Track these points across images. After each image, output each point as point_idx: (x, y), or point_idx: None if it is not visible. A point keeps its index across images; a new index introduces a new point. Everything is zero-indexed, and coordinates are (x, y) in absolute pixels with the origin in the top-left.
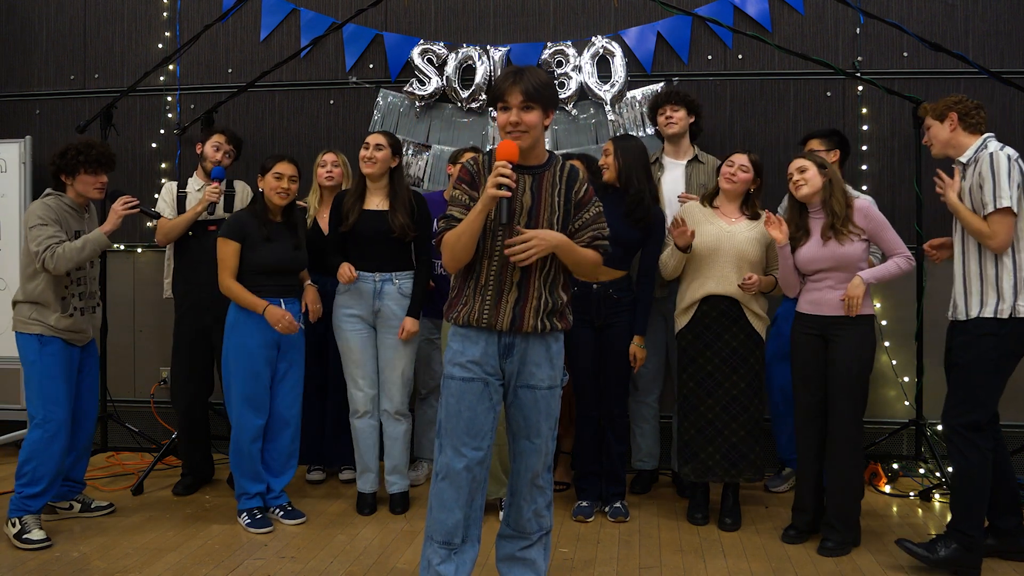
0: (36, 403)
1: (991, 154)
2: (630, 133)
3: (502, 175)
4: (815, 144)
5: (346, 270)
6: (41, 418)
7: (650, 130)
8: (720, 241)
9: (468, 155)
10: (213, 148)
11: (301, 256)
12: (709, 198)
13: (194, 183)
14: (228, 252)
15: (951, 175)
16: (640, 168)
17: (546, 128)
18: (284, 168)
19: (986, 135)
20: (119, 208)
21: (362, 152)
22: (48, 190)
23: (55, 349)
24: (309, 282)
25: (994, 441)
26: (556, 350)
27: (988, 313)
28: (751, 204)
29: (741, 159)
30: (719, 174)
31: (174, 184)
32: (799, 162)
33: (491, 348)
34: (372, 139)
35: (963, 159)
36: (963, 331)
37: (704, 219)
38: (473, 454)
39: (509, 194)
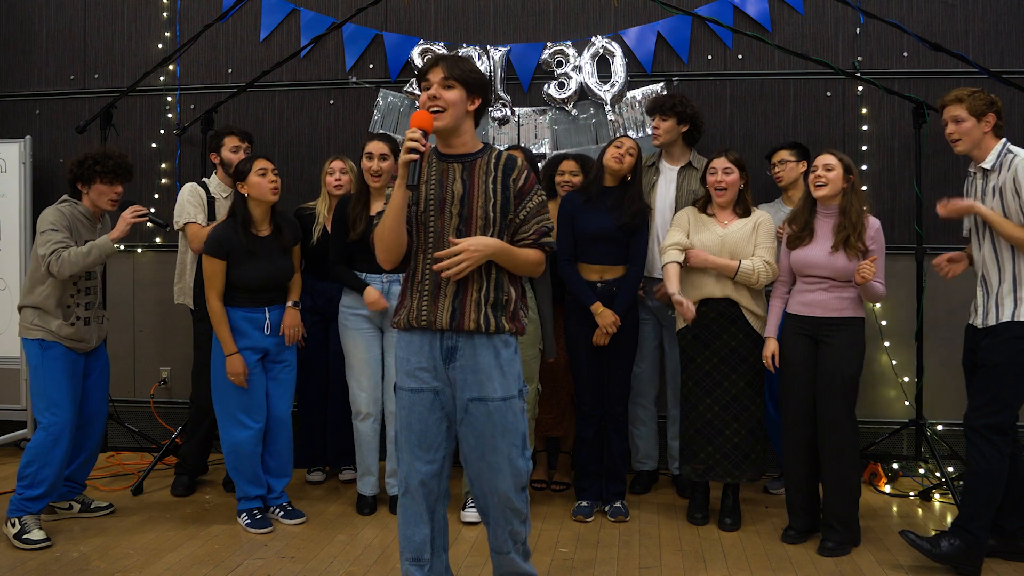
0: (40, 407)
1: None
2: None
3: (411, 139)
4: (784, 155)
5: (374, 297)
6: (45, 422)
7: (649, 130)
8: (715, 246)
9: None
10: (232, 151)
11: (287, 266)
12: (702, 207)
13: (220, 189)
14: (214, 271)
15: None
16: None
17: (475, 116)
18: (264, 163)
19: (1004, 139)
20: (128, 216)
21: (366, 163)
22: (64, 196)
23: (57, 353)
24: (291, 304)
25: (1013, 444)
26: (507, 357)
27: (1022, 316)
28: (743, 201)
29: (722, 163)
30: (704, 183)
31: (196, 187)
32: (827, 158)
33: (435, 352)
34: (375, 148)
35: (986, 164)
36: (991, 334)
37: (701, 225)
38: (427, 468)
39: (417, 156)
